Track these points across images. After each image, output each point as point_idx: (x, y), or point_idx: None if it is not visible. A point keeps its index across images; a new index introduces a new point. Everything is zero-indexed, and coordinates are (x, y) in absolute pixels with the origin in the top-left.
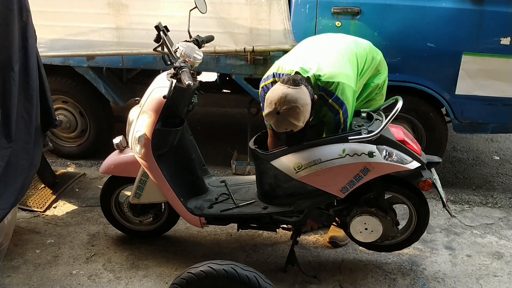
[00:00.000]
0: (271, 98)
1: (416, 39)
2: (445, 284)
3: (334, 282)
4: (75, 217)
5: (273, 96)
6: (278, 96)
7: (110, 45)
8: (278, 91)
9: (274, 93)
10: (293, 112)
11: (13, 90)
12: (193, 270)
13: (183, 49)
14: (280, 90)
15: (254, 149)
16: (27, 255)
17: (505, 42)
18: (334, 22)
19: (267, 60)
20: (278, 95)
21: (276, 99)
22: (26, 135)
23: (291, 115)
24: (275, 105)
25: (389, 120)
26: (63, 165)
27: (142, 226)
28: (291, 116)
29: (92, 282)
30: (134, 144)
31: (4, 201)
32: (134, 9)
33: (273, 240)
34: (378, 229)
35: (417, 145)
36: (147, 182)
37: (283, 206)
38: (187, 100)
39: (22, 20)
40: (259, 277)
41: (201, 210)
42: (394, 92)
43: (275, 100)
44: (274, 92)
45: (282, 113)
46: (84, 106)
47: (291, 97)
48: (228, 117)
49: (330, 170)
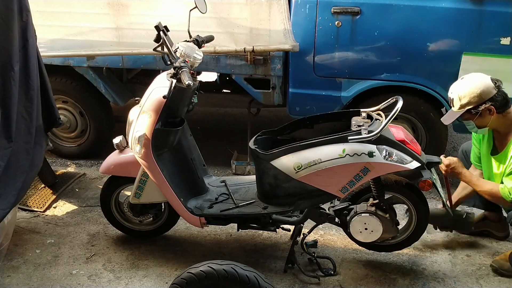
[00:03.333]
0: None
1: (416, 39)
2: (445, 284)
3: (334, 282)
4: (75, 217)
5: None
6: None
7: (110, 45)
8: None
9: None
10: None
11: (13, 90)
12: (193, 270)
13: (183, 49)
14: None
15: (254, 149)
16: (27, 255)
17: (505, 42)
18: (334, 22)
19: (267, 60)
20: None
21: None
22: (26, 135)
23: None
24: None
25: (389, 120)
26: (63, 165)
27: (142, 226)
28: None
29: (92, 282)
30: (134, 144)
31: (4, 201)
32: (134, 9)
33: (273, 240)
34: (378, 229)
35: (417, 145)
36: (147, 182)
37: (283, 206)
38: (187, 100)
39: (22, 20)
40: (259, 277)
41: (201, 210)
42: (394, 92)
43: None
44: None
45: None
46: (84, 106)
47: None
48: (228, 117)
49: (330, 170)
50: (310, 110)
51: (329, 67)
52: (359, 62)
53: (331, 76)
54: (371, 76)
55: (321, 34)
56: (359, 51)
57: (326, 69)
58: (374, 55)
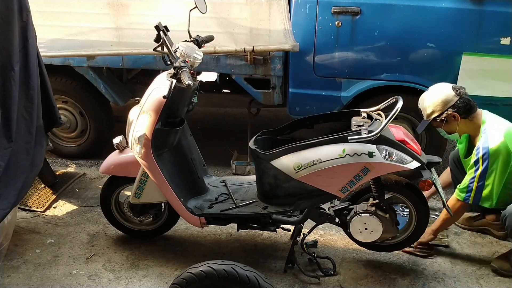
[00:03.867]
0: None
1: (416, 39)
2: (445, 284)
3: (334, 282)
4: (75, 217)
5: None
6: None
7: (110, 45)
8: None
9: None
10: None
11: (14, 90)
12: (193, 270)
13: (183, 49)
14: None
15: (254, 149)
16: (27, 255)
17: (505, 42)
18: (334, 22)
19: (267, 60)
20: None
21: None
22: (26, 135)
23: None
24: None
25: (389, 120)
26: (63, 165)
27: (142, 226)
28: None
29: (92, 282)
30: (134, 144)
31: (5, 201)
32: (134, 9)
33: (273, 240)
34: (378, 229)
35: (417, 145)
36: (147, 182)
37: (283, 206)
38: (187, 100)
39: (22, 20)
40: (259, 277)
41: (201, 210)
42: (394, 92)
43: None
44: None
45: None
46: (84, 106)
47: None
48: (228, 117)
49: (330, 170)
50: (310, 110)
51: (329, 67)
52: (359, 62)
53: (331, 76)
54: (371, 76)
55: (321, 34)
56: (359, 51)
57: (326, 69)
58: (374, 55)
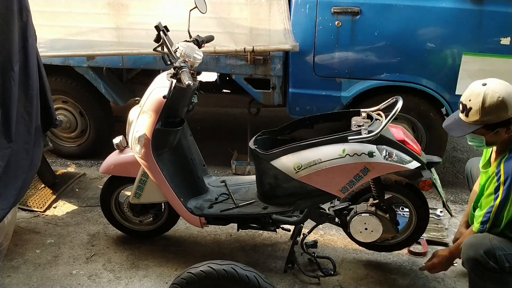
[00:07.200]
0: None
1: (416, 39)
2: (445, 284)
3: (334, 282)
4: (75, 217)
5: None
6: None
7: (110, 45)
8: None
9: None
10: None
11: (13, 90)
12: (193, 270)
13: (183, 49)
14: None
15: (254, 149)
16: (27, 255)
17: (505, 42)
18: (334, 22)
19: (267, 60)
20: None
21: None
22: (26, 135)
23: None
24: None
25: (389, 120)
26: (63, 165)
27: (142, 226)
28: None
29: (92, 282)
30: (134, 144)
31: (4, 201)
32: (134, 9)
33: (273, 240)
34: (378, 229)
35: (417, 145)
36: (147, 182)
37: (283, 206)
38: (187, 100)
39: (22, 20)
40: (259, 277)
41: (201, 210)
42: (394, 92)
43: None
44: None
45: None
46: (84, 106)
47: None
48: (228, 117)
49: (330, 170)
50: (310, 110)
51: (329, 67)
52: (359, 62)
53: (331, 76)
54: (371, 76)
55: (321, 34)
56: (359, 51)
57: (326, 69)
58: (374, 55)
